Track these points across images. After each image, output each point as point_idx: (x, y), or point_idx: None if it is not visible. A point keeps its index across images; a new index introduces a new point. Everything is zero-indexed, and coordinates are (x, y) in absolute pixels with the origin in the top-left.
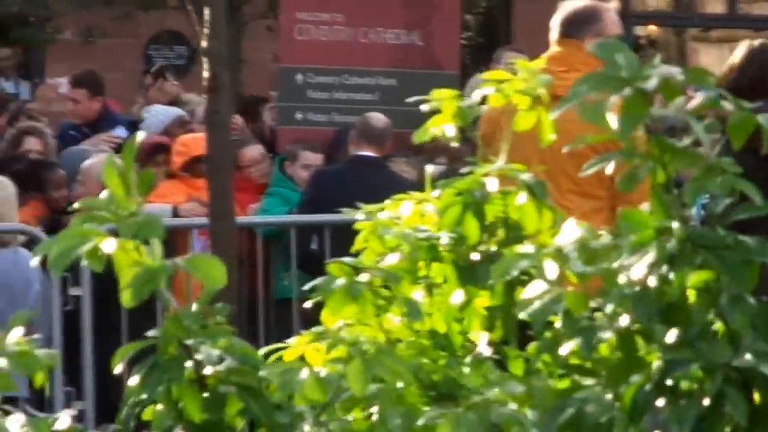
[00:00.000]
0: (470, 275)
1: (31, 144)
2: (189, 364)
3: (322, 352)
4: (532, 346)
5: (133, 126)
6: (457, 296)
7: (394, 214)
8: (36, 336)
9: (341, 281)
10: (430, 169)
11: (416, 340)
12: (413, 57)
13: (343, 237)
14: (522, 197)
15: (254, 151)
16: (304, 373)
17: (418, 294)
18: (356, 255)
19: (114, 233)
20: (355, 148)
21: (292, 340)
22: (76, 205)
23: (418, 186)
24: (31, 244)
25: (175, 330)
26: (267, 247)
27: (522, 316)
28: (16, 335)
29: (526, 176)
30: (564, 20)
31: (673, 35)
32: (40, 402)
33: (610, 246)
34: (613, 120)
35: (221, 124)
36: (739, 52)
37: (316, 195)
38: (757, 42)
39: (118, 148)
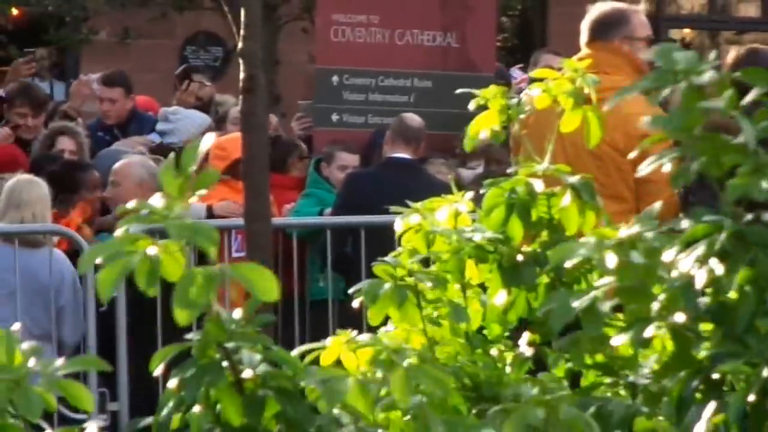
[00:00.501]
0: (514, 276)
1: (65, 144)
2: (226, 366)
3: (359, 355)
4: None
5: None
6: (501, 297)
7: (430, 215)
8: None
9: (387, 286)
10: (465, 173)
11: (457, 341)
12: (449, 59)
13: (378, 239)
14: (566, 198)
15: None
16: (348, 382)
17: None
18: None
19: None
20: (390, 148)
21: (327, 341)
22: (128, 205)
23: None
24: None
25: (216, 333)
26: (302, 248)
27: (542, 314)
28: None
29: (572, 178)
30: (593, 23)
31: (707, 38)
32: None
33: (667, 240)
34: (647, 120)
35: (257, 125)
36: (727, 60)
37: (349, 197)
38: (743, 48)
39: (153, 151)
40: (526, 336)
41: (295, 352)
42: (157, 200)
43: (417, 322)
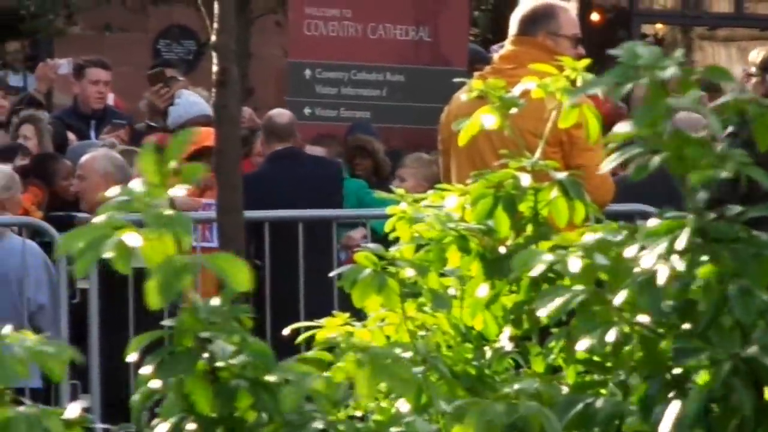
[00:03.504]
0: (496, 268)
1: (26, 131)
2: (203, 356)
3: (360, 334)
4: (554, 344)
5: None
6: (483, 289)
7: (436, 204)
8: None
9: (367, 271)
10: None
11: (448, 332)
12: (422, 53)
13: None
14: (553, 193)
15: None
16: (312, 380)
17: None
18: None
19: (138, 226)
20: (268, 148)
21: (323, 321)
22: (108, 193)
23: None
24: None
25: (191, 322)
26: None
27: (540, 313)
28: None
29: (559, 174)
30: (520, 18)
31: (680, 33)
32: (46, 394)
33: (627, 239)
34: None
35: (230, 118)
36: (756, 57)
37: (249, 200)
38: None
39: (137, 133)
40: (507, 331)
41: (291, 328)
42: (138, 186)
43: (398, 308)
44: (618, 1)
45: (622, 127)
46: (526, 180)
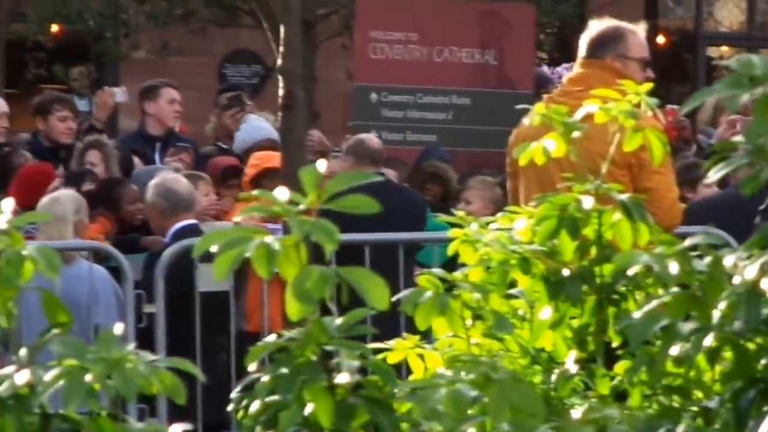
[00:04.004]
0: (560, 290)
1: (92, 157)
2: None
3: (427, 359)
4: (620, 365)
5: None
6: (546, 312)
7: (505, 227)
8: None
9: (428, 294)
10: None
11: (508, 354)
12: (487, 76)
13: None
14: (617, 215)
15: None
16: (441, 392)
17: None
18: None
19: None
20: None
21: (392, 343)
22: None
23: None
24: (100, 260)
25: (318, 335)
26: None
27: (636, 314)
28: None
29: (622, 196)
30: (589, 40)
31: None
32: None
33: (731, 249)
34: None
35: (295, 141)
36: None
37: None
38: None
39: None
40: (573, 353)
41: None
42: (281, 194)
43: (461, 331)
44: (683, 23)
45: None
46: (588, 203)
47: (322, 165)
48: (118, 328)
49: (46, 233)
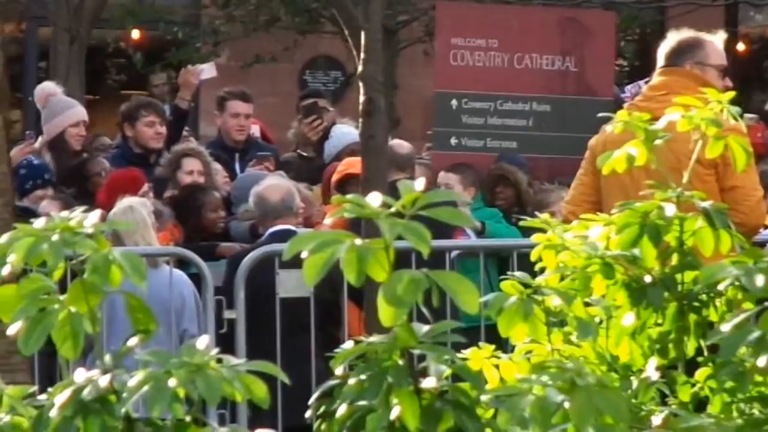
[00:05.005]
0: (642, 297)
1: (192, 165)
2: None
3: (503, 369)
4: (701, 373)
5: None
6: (628, 318)
7: (581, 233)
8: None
9: (513, 299)
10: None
11: (587, 361)
12: (567, 83)
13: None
14: (699, 222)
15: None
16: (528, 399)
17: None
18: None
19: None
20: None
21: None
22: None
23: None
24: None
25: (406, 338)
26: None
27: (713, 340)
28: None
29: (704, 203)
30: (667, 50)
31: None
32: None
33: None
34: None
35: (376, 148)
36: None
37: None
38: None
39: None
40: (653, 360)
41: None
42: (375, 199)
43: (543, 338)
44: (764, 31)
45: None
46: (671, 210)
47: (420, 183)
48: (205, 338)
49: (130, 240)
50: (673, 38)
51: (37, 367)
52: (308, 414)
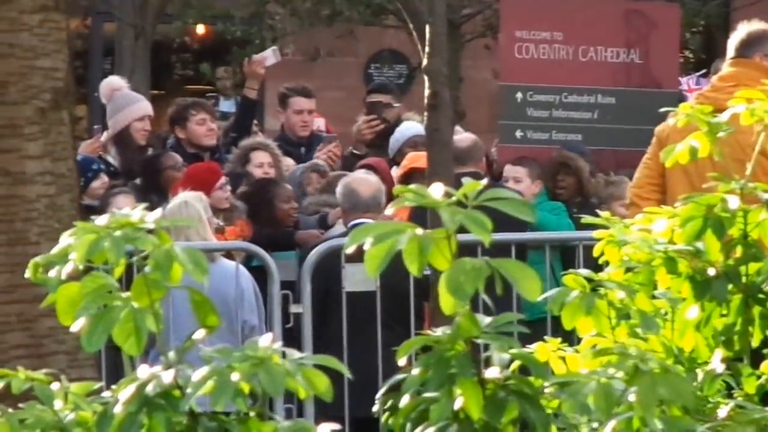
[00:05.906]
0: (706, 290)
1: (261, 158)
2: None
3: (569, 361)
4: (766, 365)
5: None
6: (693, 311)
7: (645, 227)
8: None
9: (575, 293)
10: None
11: (654, 353)
12: (632, 75)
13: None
14: (762, 215)
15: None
16: (591, 386)
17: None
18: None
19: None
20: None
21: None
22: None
23: None
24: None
25: (469, 328)
26: None
27: None
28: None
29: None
30: (737, 42)
31: None
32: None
33: None
34: None
35: (441, 141)
36: None
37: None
38: None
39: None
40: (719, 352)
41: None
42: (437, 191)
43: (608, 331)
44: None
45: None
46: (734, 202)
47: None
48: (268, 335)
49: (186, 236)
50: (743, 30)
51: (104, 362)
52: (375, 408)
